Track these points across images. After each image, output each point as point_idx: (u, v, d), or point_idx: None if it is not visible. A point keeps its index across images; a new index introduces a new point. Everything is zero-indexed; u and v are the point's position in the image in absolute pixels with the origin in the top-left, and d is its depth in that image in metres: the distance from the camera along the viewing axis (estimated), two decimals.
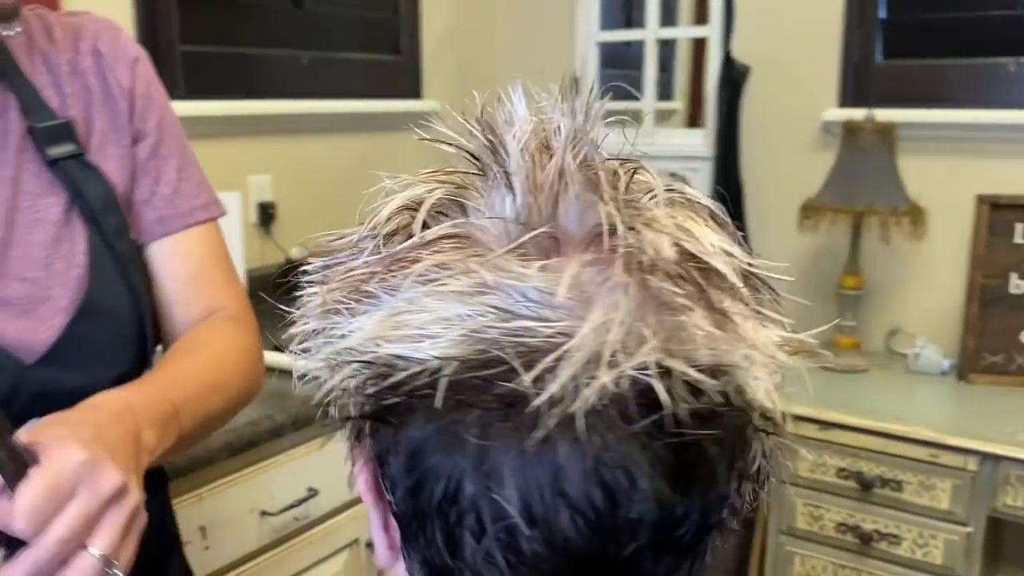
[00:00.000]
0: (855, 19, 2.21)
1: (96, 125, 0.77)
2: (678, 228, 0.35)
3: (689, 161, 2.47)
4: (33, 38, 0.76)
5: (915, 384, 2.07)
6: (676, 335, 0.33)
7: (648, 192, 0.38)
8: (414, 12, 2.44)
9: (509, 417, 0.32)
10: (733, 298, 0.36)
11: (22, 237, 0.70)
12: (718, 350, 0.34)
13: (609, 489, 0.33)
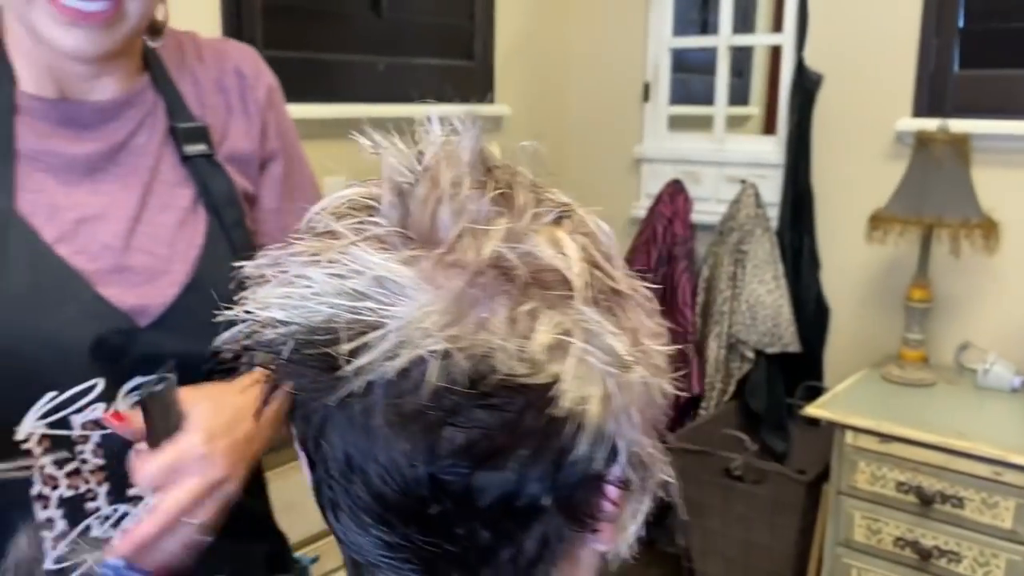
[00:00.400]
0: (932, 27, 2.18)
1: (230, 133, 0.87)
2: (510, 236, 0.40)
3: (759, 168, 2.47)
4: (184, 55, 0.87)
5: (983, 400, 2.03)
6: (475, 329, 0.37)
7: (543, 209, 0.42)
8: (488, 18, 2.50)
9: (333, 381, 0.38)
10: (554, 305, 0.39)
11: (153, 218, 0.80)
12: (502, 347, 0.37)
13: (407, 455, 0.38)
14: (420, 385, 0.37)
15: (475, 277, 0.38)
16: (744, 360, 2.43)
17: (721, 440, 2.24)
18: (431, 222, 0.40)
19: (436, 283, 0.38)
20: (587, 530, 0.43)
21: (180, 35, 0.88)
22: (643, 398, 0.42)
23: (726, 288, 2.43)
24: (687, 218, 2.54)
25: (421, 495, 0.39)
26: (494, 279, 0.38)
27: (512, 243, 0.39)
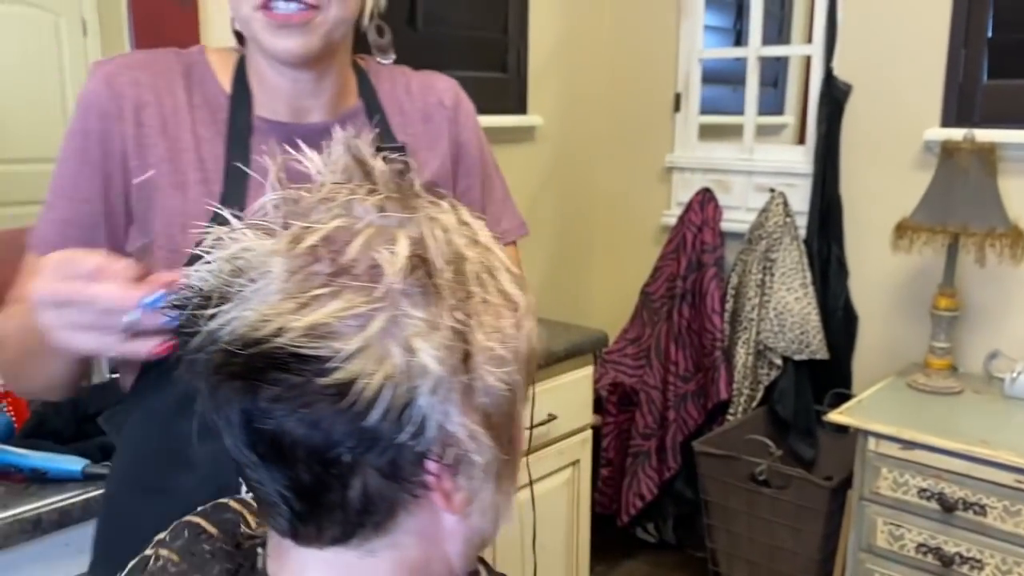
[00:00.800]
0: (960, 38, 2.19)
1: (430, 157, 1.00)
2: (337, 232, 0.49)
3: (788, 177, 2.50)
4: (395, 88, 1.00)
5: (1010, 409, 2.03)
6: (287, 307, 0.47)
7: (392, 214, 0.52)
8: (522, 31, 2.56)
9: (186, 337, 0.51)
10: (358, 291, 0.47)
11: None
12: (296, 321, 0.47)
13: (230, 407, 0.49)
14: (240, 351, 0.47)
15: (297, 265, 0.48)
16: (772, 367, 2.46)
17: (747, 445, 2.28)
18: (300, 219, 0.50)
19: (273, 267, 0.48)
20: (409, 492, 0.50)
21: (394, 70, 1.02)
22: (461, 386, 0.48)
23: (754, 295, 2.46)
24: (716, 226, 2.57)
25: (248, 440, 0.49)
26: (308, 268, 0.48)
27: (336, 239, 0.48)
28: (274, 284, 0.47)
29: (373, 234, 0.48)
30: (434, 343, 0.47)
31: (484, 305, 0.50)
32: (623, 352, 2.69)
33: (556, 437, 2.06)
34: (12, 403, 1.37)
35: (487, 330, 0.50)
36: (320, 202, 0.51)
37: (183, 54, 0.95)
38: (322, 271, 0.47)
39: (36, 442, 1.29)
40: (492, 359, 0.50)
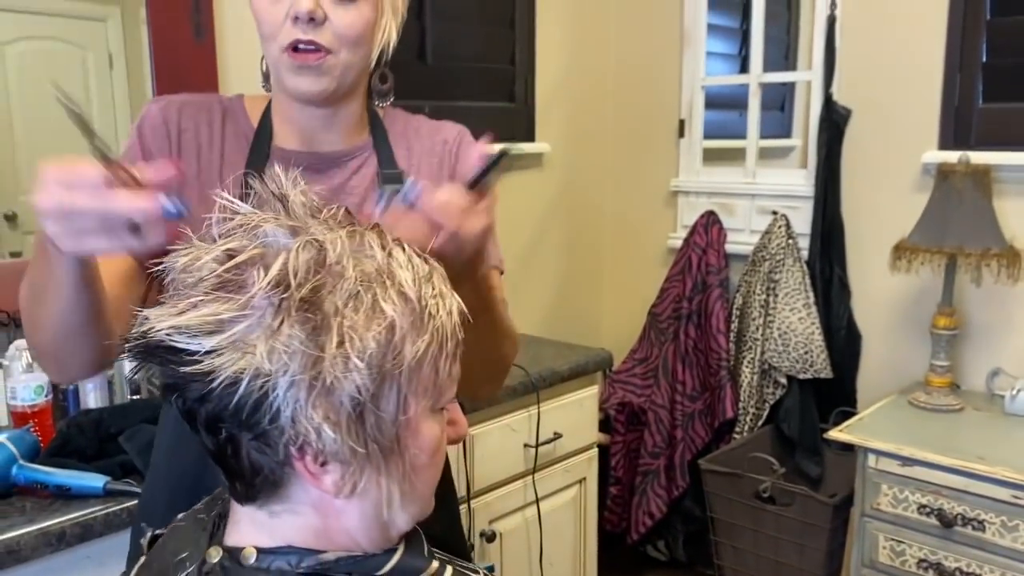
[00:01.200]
0: (956, 63, 2.24)
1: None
2: (227, 253, 0.61)
3: (790, 199, 2.56)
4: (406, 129, 1.12)
5: (1010, 426, 2.06)
6: (178, 311, 0.61)
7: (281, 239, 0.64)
8: (529, 62, 2.64)
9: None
10: (226, 300, 0.59)
11: None
12: (175, 323, 0.59)
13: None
14: (133, 339, 0.62)
15: (197, 276, 0.61)
16: (777, 386, 2.50)
17: (752, 463, 2.32)
18: (222, 238, 0.64)
19: (188, 277, 0.63)
20: (281, 468, 0.63)
21: (410, 117, 1.15)
22: (311, 386, 0.59)
23: (758, 316, 2.51)
24: (721, 248, 2.63)
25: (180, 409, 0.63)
26: (199, 281, 0.61)
27: (230, 257, 0.60)
28: (181, 290, 0.62)
29: (257, 254, 0.60)
30: (284, 347, 0.58)
31: (346, 317, 0.60)
32: (631, 372, 2.74)
33: (562, 455, 2.11)
34: (38, 424, 1.45)
35: (344, 338, 0.59)
36: (239, 226, 0.63)
37: (225, 98, 1.10)
38: (209, 282, 0.60)
39: (61, 460, 1.37)
40: (344, 364, 0.59)
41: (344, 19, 0.96)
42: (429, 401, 0.66)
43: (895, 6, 2.33)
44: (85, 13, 1.89)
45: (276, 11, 0.96)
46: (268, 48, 0.99)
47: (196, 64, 1.89)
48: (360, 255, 0.63)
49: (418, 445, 0.66)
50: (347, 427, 0.61)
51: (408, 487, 0.67)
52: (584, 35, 2.82)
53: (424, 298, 0.64)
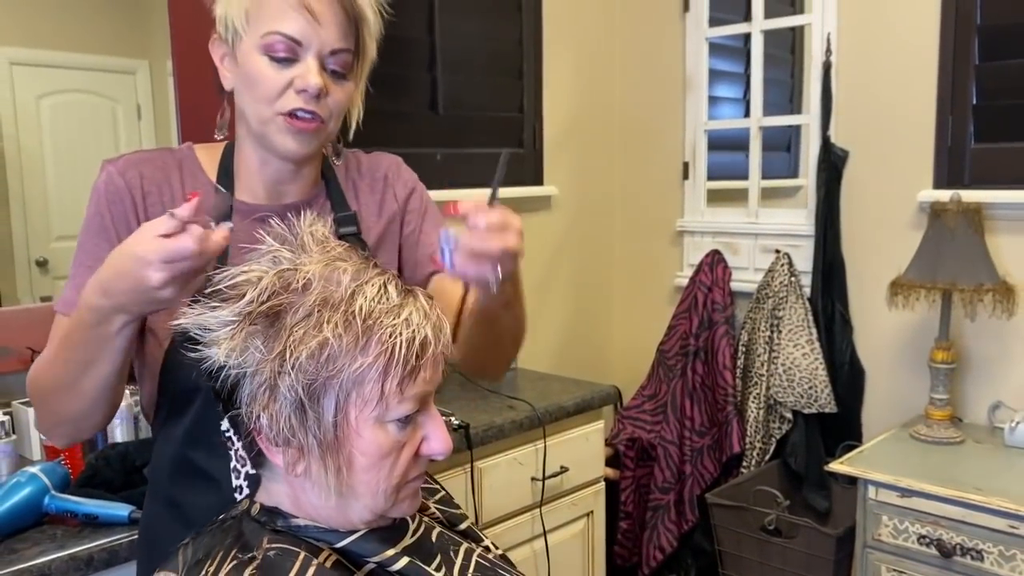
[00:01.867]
0: (947, 105, 2.32)
1: (373, 220, 1.21)
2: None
3: (792, 238, 2.63)
4: (348, 170, 1.22)
5: (1010, 458, 2.10)
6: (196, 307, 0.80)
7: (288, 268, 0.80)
8: (537, 109, 2.76)
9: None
10: (228, 309, 0.77)
11: None
12: (203, 318, 0.78)
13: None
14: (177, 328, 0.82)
15: (219, 291, 0.80)
16: (783, 421, 2.55)
17: (758, 497, 2.36)
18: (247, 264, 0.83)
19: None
20: (252, 437, 0.80)
21: (348, 154, 1.23)
22: (264, 384, 0.74)
23: (763, 352, 2.57)
24: (726, 286, 2.70)
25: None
26: (218, 292, 0.79)
27: (242, 276, 0.78)
28: (215, 296, 0.79)
29: (255, 276, 0.76)
30: (242, 347, 0.74)
31: (293, 332, 0.74)
32: (641, 408, 2.80)
33: (569, 489, 2.17)
34: (69, 457, 1.54)
35: (285, 347, 0.74)
36: (263, 255, 0.80)
37: (175, 151, 1.15)
38: (223, 293, 0.76)
39: (89, 491, 1.46)
40: (281, 367, 0.74)
41: (337, 95, 1.06)
42: (374, 412, 0.77)
43: (888, 52, 2.42)
44: (116, 67, 2.00)
45: (279, 78, 1.02)
46: (259, 108, 1.04)
47: None
48: (329, 283, 0.77)
49: (359, 448, 0.78)
50: (286, 418, 0.75)
51: (347, 481, 0.78)
52: (590, 82, 2.93)
53: (377, 325, 0.75)
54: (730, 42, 2.88)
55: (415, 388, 0.78)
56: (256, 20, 1.03)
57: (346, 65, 1.06)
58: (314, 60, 1.03)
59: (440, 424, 0.83)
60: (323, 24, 1.02)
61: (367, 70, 1.12)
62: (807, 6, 2.58)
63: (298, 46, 1.02)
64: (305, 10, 1.01)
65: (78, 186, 1.94)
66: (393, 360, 0.76)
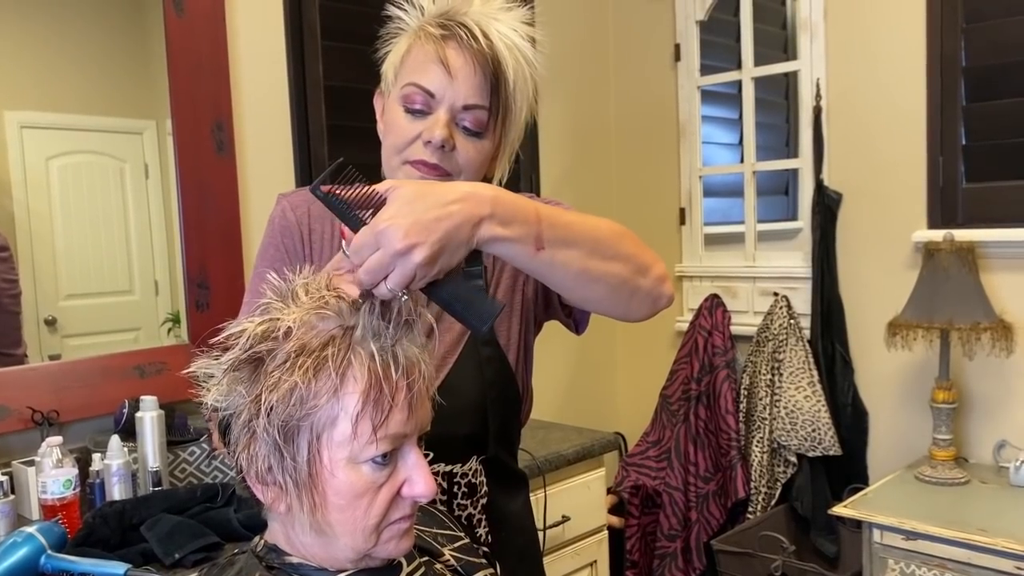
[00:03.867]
0: (937, 146, 2.35)
1: (503, 278, 1.18)
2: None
3: (789, 281, 2.64)
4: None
5: (1016, 497, 2.08)
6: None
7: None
8: (534, 158, 2.80)
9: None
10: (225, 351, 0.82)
11: (440, 337, 1.11)
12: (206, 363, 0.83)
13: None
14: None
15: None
16: (788, 464, 2.54)
17: (763, 542, 2.34)
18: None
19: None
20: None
21: None
22: (245, 428, 0.78)
23: (765, 395, 2.56)
24: (726, 330, 2.70)
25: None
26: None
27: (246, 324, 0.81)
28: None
29: (248, 327, 0.80)
30: (228, 391, 0.79)
31: (270, 377, 0.77)
32: (645, 455, 2.79)
33: (571, 539, 2.16)
34: (66, 515, 1.55)
35: (261, 392, 0.77)
36: (260, 307, 0.84)
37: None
38: (227, 343, 0.81)
39: (85, 550, 1.46)
40: (257, 411, 0.77)
41: (469, 151, 1.06)
42: (346, 452, 0.79)
43: (877, 95, 2.45)
44: (124, 127, 2.05)
45: (411, 129, 1.05)
46: (390, 156, 1.08)
47: (218, 175, 2.05)
48: (310, 330, 0.80)
49: (333, 487, 0.80)
50: (264, 458, 0.78)
51: (323, 521, 0.80)
52: (585, 131, 2.97)
53: (349, 367, 0.79)
54: (724, 89, 2.92)
55: (389, 429, 0.80)
56: (402, 74, 1.07)
57: (479, 123, 1.06)
58: (445, 113, 1.04)
59: (422, 466, 0.84)
60: (457, 79, 1.04)
61: (513, 133, 1.11)
62: (796, 52, 2.63)
63: (432, 99, 1.05)
64: (441, 64, 1.04)
65: (87, 245, 1.99)
66: (365, 401, 0.78)
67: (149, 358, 1.95)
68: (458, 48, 1.05)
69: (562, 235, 0.91)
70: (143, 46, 2.05)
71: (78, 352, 1.93)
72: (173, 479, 1.78)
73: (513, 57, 1.07)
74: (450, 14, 1.08)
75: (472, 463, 1.14)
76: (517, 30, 1.09)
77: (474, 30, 1.06)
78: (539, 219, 0.88)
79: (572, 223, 0.94)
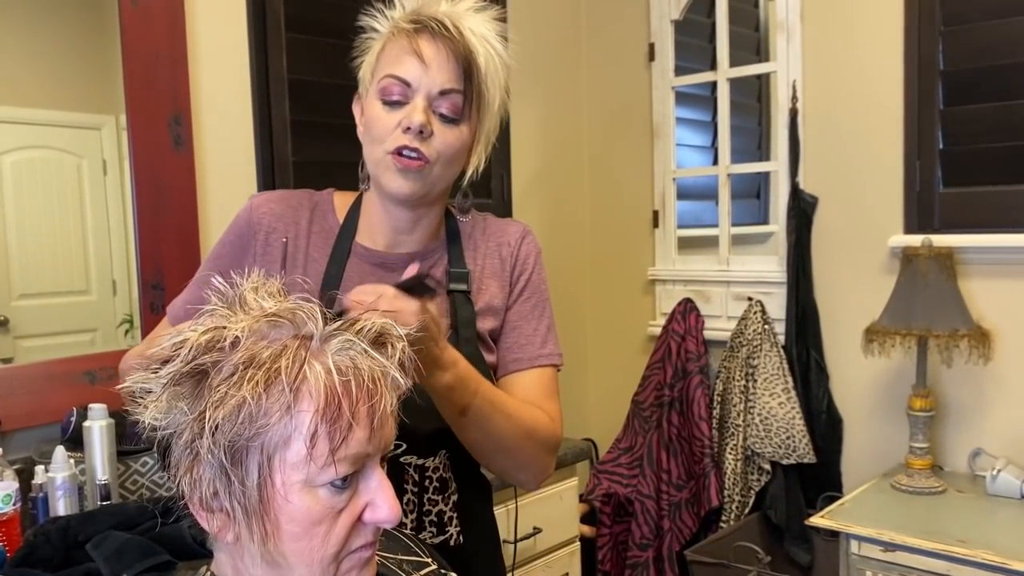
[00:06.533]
0: (914, 150, 2.32)
1: (487, 286, 1.21)
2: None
3: (764, 285, 2.60)
4: (474, 230, 1.24)
5: (992, 507, 2.05)
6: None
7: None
8: (504, 160, 2.73)
9: None
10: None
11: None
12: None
13: None
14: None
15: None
16: (762, 472, 2.49)
17: (737, 552, 2.29)
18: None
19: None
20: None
21: (478, 217, 1.27)
22: (187, 449, 0.71)
23: (739, 401, 2.52)
24: (699, 335, 2.66)
25: None
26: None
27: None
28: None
29: (189, 338, 0.73)
30: (166, 408, 0.71)
31: (215, 391, 0.69)
32: (617, 462, 2.73)
33: (543, 551, 2.09)
34: (5, 533, 1.45)
35: (205, 408, 0.69)
36: (203, 314, 0.77)
37: (316, 194, 1.23)
38: (167, 354, 0.74)
39: (25, 571, 1.36)
40: (200, 429, 0.69)
41: (447, 137, 1.10)
42: (301, 475, 0.71)
43: (854, 98, 2.42)
44: (81, 123, 1.96)
45: (390, 119, 1.09)
46: (373, 150, 1.12)
47: (175, 172, 1.95)
48: (261, 340, 0.72)
49: (287, 513, 0.72)
50: (209, 482, 0.71)
51: (276, 551, 0.73)
52: (557, 132, 2.91)
53: (304, 382, 0.71)
54: (697, 90, 2.88)
55: (349, 449, 0.72)
56: (378, 70, 1.13)
57: (456, 108, 1.10)
58: (422, 100, 1.09)
59: (386, 488, 0.76)
60: (432, 67, 1.09)
61: (488, 121, 1.15)
62: (772, 54, 2.59)
63: (408, 88, 1.09)
64: (415, 55, 1.09)
65: (42, 243, 1.91)
66: (322, 419, 0.70)
67: (100, 363, 1.85)
68: (431, 38, 1.10)
69: (488, 407, 1.07)
70: (101, 38, 1.96)
71: (32, 355, 1.83)
72: (124, 491, 1.68)
73: (483, 47, 1.12)
74: (420, 11, 1.13)
75: (440, 457, 1.16)
76: (486, 25, 1.14)
77: (445, 22, 1.11)
78: (477, 387, 1.05)
79: (496, 399, 1.09)
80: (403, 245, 1.18)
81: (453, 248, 1.21)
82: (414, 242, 1.19)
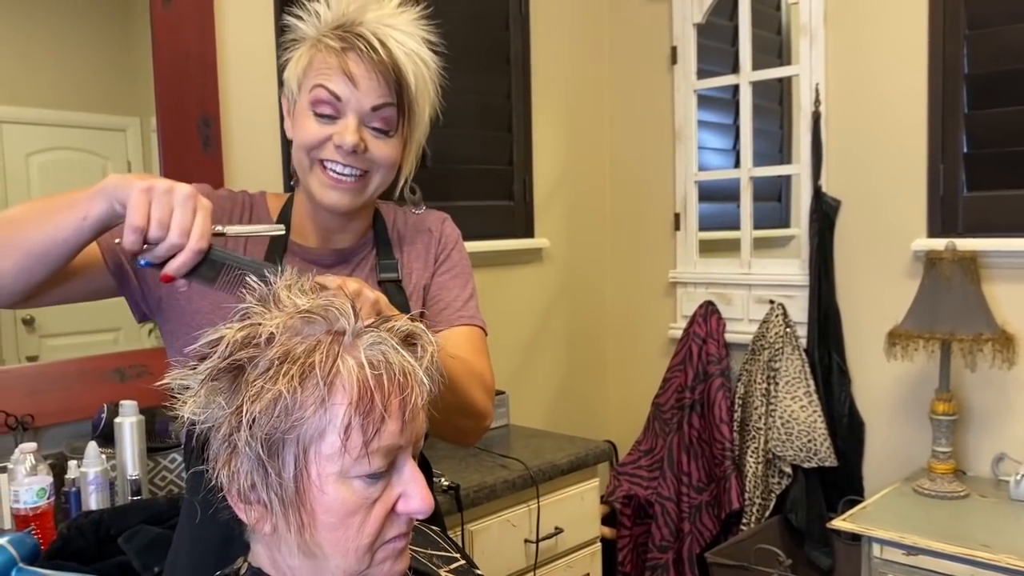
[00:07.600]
0: (938, 154, 2.31)
1: (414, 268, 1.25)
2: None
3: (786, 288, 2.60)
4: (397, 220, 1.28)
5: (1016, 512, 2.04)
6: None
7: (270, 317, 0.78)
8: (527, 162, 2.74)
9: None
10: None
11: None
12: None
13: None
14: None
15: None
16: (783, 475, 2.49)
17: (759, 555, 2.29)
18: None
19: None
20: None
21: (398, 209, 1.30)
22: (226, 443, 0.73)
23: (760, 404, 2.52)
24: (721, 338, 2.66)
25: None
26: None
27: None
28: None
29: (226, 334, 0.74)
30: (205, 403, 0.73)
31: (252, 386, 0.72)
32: (637, 464, 2.74)
33: (564, 551, 2.10)
34: (39, 526, 1.48)
35: (243, 403, 0.71)
36: (239, 312, 0.78)
37: (252, 194, 1.25)
38: (204, 351, 0.76)
39: (60, 563, 1.39)
40: (238, 423, 0.71)
41: (382, 150, 1.12)
42: (336, 467, 0.73)
43: (877, 101, 2.42)
44: (107, 124, 1.99)
45: (321, 132, 1.10)
46: (301, 156, 1.13)
47: (204, 173, 1.98)
48: (295, 336, 0.74)
49: (323, 505, 0.74)
50: (247, 474, 0.73)
51: (312, 542, 0.75)
52: (579, 134, 2.92)
53: (338, 375, 0.73)
54: (719, 93, 2.88)
55: (382, 441, 0.74)
56: (305, 83, 1.12)
57: (389, 122, 1.11)
58: (354, 118, 1.09)
59: (418, 479, 0.78)
60: (361, 86, 1.09)
61: (418, 131, 1.17)
62: (795, 57, 2.59)
63: (339, 102, 1.09)
64: (345, 75, 1.08)
65: None
66: (355, 412, 0.72)
67: (129, 361, 1.88)
68: (358, 59, 1.09)
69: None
70: (128, 40, 1.99)
71: (57, 353, 1.86)
72: (153, 487, 1.71)
73: (412, 63, 1.12)
74: (347, 25, 1.11)
75: None
76: (412, 35, 1.14)
77: (372, 41, 1.09)
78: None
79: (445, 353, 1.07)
80: (337, 242, 1.21)
81: (381, 241, 1.24)
82: (345, 239, 1.22)
